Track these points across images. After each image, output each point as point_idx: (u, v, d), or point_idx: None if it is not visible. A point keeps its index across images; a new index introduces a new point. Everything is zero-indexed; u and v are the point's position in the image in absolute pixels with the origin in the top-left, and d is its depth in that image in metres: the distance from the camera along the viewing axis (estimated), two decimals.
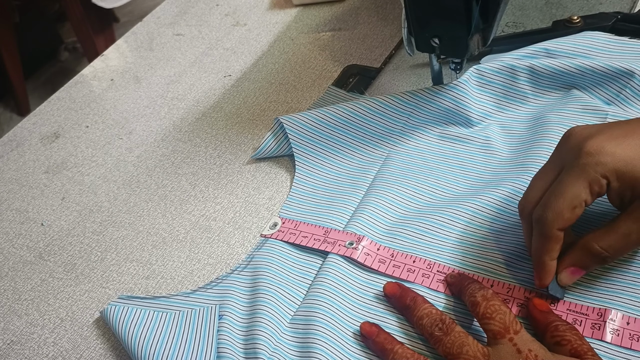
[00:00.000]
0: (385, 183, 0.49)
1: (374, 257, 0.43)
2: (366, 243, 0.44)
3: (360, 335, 0.39)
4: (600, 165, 0.34)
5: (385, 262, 0.43)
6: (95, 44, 1.77)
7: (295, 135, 0.53)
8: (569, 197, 0.35)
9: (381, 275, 0.43)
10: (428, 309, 0.38)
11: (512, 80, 0.52)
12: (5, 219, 0.57)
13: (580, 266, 0.37)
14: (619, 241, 0.35)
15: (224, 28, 0.77)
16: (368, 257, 0.43)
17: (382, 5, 0.72)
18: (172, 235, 0.51)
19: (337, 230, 0.46)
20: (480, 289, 0.37)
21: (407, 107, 0.53)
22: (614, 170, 0.34)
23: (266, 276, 0.44)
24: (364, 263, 0.43)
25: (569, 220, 0.35)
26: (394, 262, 0.43)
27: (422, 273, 0.41)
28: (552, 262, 0.37)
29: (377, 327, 0.39)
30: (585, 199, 0.35)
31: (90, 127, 0.66)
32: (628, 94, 0.49)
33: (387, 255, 0.43)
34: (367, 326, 0.39)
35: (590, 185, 0.35)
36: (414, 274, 0.41)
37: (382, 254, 0.43)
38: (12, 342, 0.46)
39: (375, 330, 0.39)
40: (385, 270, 0.42)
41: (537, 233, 0.37)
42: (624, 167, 0.34)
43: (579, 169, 0.35)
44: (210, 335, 0.41)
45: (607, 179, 0.34)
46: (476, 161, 0.50)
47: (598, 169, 0.34)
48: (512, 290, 0.39)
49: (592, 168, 0.34)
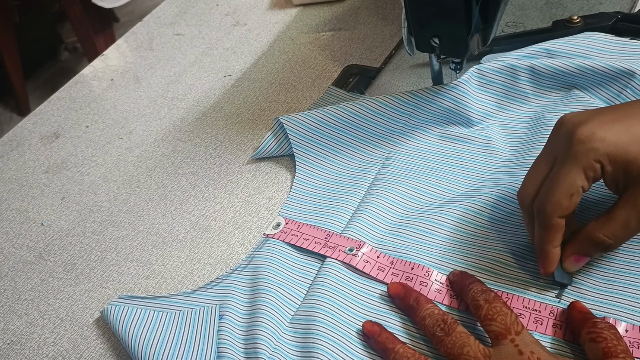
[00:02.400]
0: (385, 183, 0.49)
1: (373, 264, 0.43)
2: (366, 250, 0.44)
3: (362, 334, 0.39)
4: (593, 151, 0.35)
5: (384, 270, 0.43)
6: (95, 44, 1.77)
7: (295, 136, 0.53)
8: (565, 186, 0.36)
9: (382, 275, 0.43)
10: (431, 309, 0.38)
11: (513, 80, 0.52)
12: (5, 219, 0.57)
13: (584, 254, 0.38)
14: (619, 229, 0.36)
15: (224, 28, 0.77)
16: (367, 265, 0.43)
17: (382, 5, 0.72)
18: (172, 235, 0.51)
19: (338, 234, 0.46)
20: (482, 292, 0.37)
21: (408, 107, 0.53)
22: (606, 154, 0.35)
23: (267, 276, 0.44)
24: (363, 270, 0.43)
25: (567, 209, 0.36)
26: (393, 270, 0.43)
27: (419, 281, 0.41)
28: (555, 250, 0.38)
29: (379, 327, 0.39)
30: (582, 185, 0.36)
31: (90, 127, 0.66)
32: (629, 94, 0.49)
33: (387, 263, 0.43)
34: (369, 325, 0.39)
35: (585, 172, 0.35)
36: (412, 282, 0.41)
37: (382, 262, 0.43)
38: (12, 342, 0.46)
39: (377, 330, 0.39)
40: (384, 278, 0.42)
41: (539, 224, 0.38)
42: (615, 151, 0.35)
43: (572, 157, 0.36)
44: (211, 335, 0.41)
45: (600, 163, 0.35)
46: (477, 161, 0.50)
47: (590, 155, 0.35)
48: (510, 300, 0.39)
49: (585, 155, 0.35)
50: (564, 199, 0.36)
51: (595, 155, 0.35)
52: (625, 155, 0.34)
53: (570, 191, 0.36)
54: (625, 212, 0.35)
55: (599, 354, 0.33)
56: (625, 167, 0.35)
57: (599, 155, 0.35)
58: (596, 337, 0.34)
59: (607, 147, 0.35)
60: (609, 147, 0.35)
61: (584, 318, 0.36)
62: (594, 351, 0.34)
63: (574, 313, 0.37)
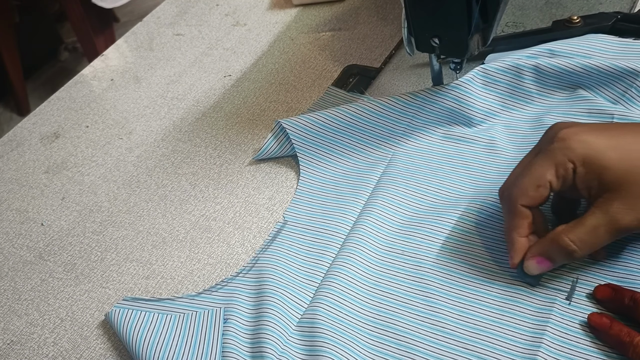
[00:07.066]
0: (390, 185, 0.49)
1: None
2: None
3: (589, 327, 0.37)
4: (569, 149, 0.36)
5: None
6: (95, 44, 1.77)
7: (298, 139, 0.53)
8: (534, 176, 0.37)
9: (389, 278, 0.43)
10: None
11: (518, 79, 0.52)
12: (5, 219, 0.57)
13: (547, 257, 0.37)
14: (587, 234, 0.36)
15: (224, 28, 0.77)
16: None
17: (382, 5, 0.72)
18: (172, 235, 0.51)
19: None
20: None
21: (410, 109, 0.53)
22: (582, 156, 0.35)
23: (272, 279, 0.43)
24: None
25: (533, 199, 0.37)
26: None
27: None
28: (521, 239, 0.38)
29: (609, 318, 0.36)
30: (550, 180, 0.36)
31: (90, 127, 0.66)
32: (633, 94, 0.49)
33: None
34: (597, 318, 0.36)
35: (556, 168, 0.36)
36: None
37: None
38: (12, 342, 0.46)
39: (608, 322, 0.36)
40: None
41: (505, 209, 0.39)
42: (593, 154, 0.35)
43: (549, 152, 0.37)
44: (215, 337, 0.41)
45: (573, 164, 0.36)
46: (481, 161, 0.49)
47: (566, 153, 0.36)
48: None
49: (561, 151, 0.36)
50: (531, 188, 0.37)
51: (570, 155, 0.35)
52: (601, 161, 0.35)
53: (537, 182, 0.37)
54: (595, 218, 0.35)
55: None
56: (599, 172, 0.35)
57: (573, 156, 0.35)
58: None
59: (584, 150, 0.35)
60: (586, 150, 0.35)
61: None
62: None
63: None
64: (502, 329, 0.38)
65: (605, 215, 0.35)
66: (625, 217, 0.35)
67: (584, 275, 0.39)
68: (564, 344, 0.36)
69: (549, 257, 0.37)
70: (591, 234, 0.36)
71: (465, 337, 0.38)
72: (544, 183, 0.36)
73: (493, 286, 0.40)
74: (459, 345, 0.38)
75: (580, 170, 0.35)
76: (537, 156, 0.37)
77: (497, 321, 0.38)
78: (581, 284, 0.39)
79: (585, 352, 0.36)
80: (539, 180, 0.37)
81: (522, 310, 0.38)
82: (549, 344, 0.36)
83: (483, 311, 0.39)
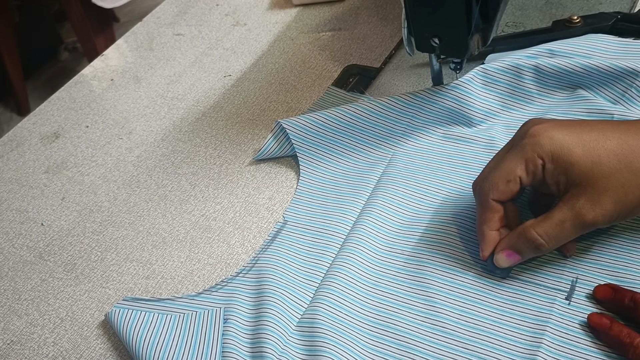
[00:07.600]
0: (390, 185, 0.49)
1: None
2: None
3: (589, 327, 0.37)
4: (538, 145, 0.36)
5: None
6: (95, 44, 1.77)
7: (298, 139, 0.53)
8: (504, 171, 0.38)
9: (389, 278, 0.43)
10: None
11: (518, 79, 0.52)
12: (5, 219, 0.57)
13: (516, 250, 0.38)
14: (554, 228, 0.36)
15: (224, 28, 0.77)
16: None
17: (382, 5, 0.72)
18: (172, 235, 0.51)
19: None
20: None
21: (410, 109, 0.53)
22: (550, 152, 0.36)
23: (272, 279, 0.43)
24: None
25: (503, 193, 0.38)
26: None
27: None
28: (491, 233, 0.39)
29: (609, 319, 0.36)
30: (520, 175, 0.37)
31: (90, 127, 0.66)
32: (633, 94, 0.49)
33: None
34: (596, 318, 0.36)
35: (526, 163, 0.37)
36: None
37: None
38: (12, 342, 0.46)
39: (608, 323, 0.36)
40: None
41: (477, 203, 0.40)
42: (560, 150, 0.36)
43: (520, 148, 0.37)
44: (215, 337, 0.41)
45: (542, 159, 0.36)
46: (481, 161, 0.49)
47: (536, 149, 0.36)
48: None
49: (531, 147, 0.37)
50: (501, 182, 0.38)
51: (539, 151, 0.36)
52: (568, 157, 0.36)
53: (508, 177, 0.37)
54: (562, 213, 0.36)
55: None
56: (566, 168, 0.36)
57: (542, 152, 0.36)
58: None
59: (552, 146, 0.36)
60: (554, 146, 0.36)
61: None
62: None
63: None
64: (502, 329, 0.38)
65: (572, 210, 0.36)
66: (590, 212, 0.35)
67: (583, 275, 0.39)
68: (564, 344, 0.36)
69: (517, 250, 0.38)
70: (558, 228, 0.36)
71: (465, 337, 0.38)
72: (514, 178, 0.37)
73: (493, 286, 0.40)
74: (459, 345, 0.38)
75: (549, 166, 0.36)
76: (509, 151, 0.38)
77: (497, 321, 0.38)
78: (581, 284, 0.39)
79: (585, 352, 0.36)
80: (509, 175, 0.38)
81: (522, 310, 0.38)
82: (549, 344, 0.36)
83: (483, 311, 0.39)
